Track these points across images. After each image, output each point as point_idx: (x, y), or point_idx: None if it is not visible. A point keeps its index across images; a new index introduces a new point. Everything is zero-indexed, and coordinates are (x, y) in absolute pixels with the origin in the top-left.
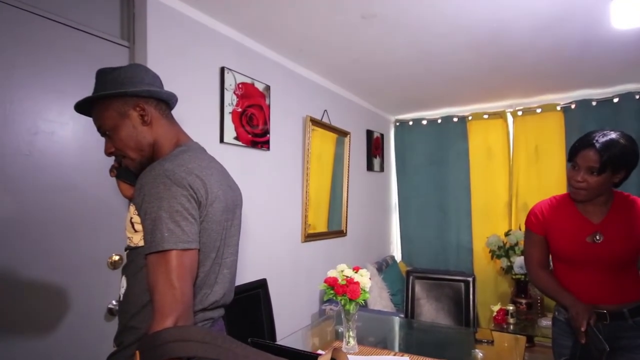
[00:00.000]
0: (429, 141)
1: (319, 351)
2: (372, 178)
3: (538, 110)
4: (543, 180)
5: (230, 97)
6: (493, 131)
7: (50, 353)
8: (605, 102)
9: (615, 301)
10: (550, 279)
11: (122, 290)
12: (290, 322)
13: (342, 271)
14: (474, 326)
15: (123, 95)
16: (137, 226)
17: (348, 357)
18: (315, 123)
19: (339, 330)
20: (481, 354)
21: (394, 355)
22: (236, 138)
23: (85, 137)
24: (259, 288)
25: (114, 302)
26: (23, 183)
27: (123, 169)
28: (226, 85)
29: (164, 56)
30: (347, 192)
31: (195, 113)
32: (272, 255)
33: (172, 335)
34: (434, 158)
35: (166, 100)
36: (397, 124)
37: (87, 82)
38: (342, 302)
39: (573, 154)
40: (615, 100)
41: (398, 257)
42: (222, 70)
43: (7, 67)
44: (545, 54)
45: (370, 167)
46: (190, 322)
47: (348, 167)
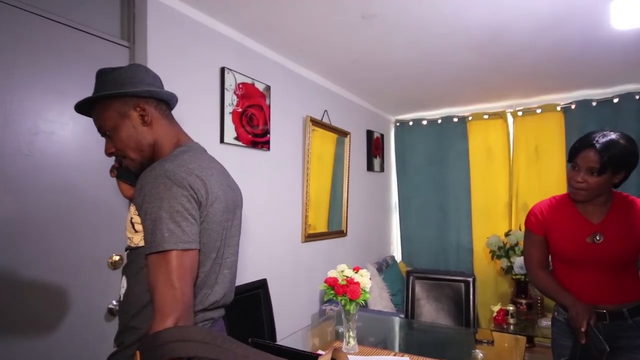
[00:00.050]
0: (429, 141)
1: (319, 351)
2: (372, 178)
3: (538, 110)
4: (543, 180)
5: (230, 97)
6: (493, 131)
7: (50, 353)
8: (605, 103)
9: (614, 301)
10: (550, 279)
11: (123, 290)
12: (290, 322)
13: (343, 271)
14: (474, 326)
15: (123, 95)
16: (138, 226)
17: (348, 358)
18: (315, 123)
19: (339, 330)
20: (481, 355)
21: (394, 355)
22: (236, 138)
23: (85, 138)
24: (259, 288)
25: (114, 302)
26: (23, 183)
27: (123, 169)
28: (226, 85)
29: (164, 56)
30: (347, 192)
31: (195, 113)
32: (273, 255)
33: (173, 335)
34: (434, 158)
35: (166, 100)
36: (397, 124)
37: (88, 82)
38: (343, 303)
39: (573, 155)
40: (615, 100)
41: (398, 258)
42: (223, 70)
43: (8, 67)
44: (545, 54)
45: (370, 167)
46: (190, 323)
47: (348, 167)
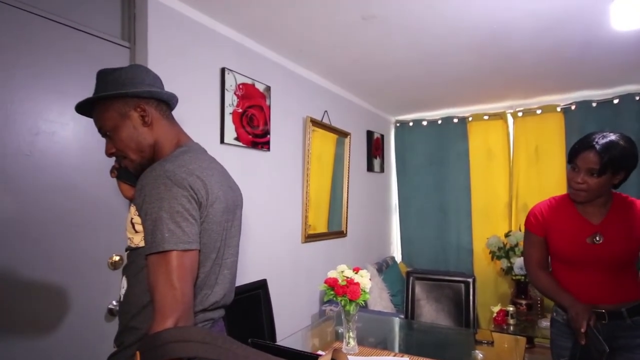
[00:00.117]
0: (429, 142)
1: (319, 352)
2: (373, 179)
3: (538, 111)
4: (543, 181)
5: (230, 98)
6: (493, 132)
7: (50, 353)
8: (605, 104)
9: (613, 301)
10: (549, 280)
11: (123, 290)
12: (290, 323)
13: (342, 272)
14: (474, 327)
15: (124, 96)
16: (138, 227)
17: (348, 358)
18: (315, 124)
19: (339, 330)
20: (481, 355)
21: (394, 356)
22: (236, 139)
23: (86, 138)
24: (259, 289)
25: (115, 303)
26: (24, 183)
27: (124, 170)
28: (227, 85)
29: (165, 57)
30: (348, 193)
31: (195, 114)
32: (273, 255)
33: (173, 335)
34: (434, 159)
35: (167, 101)
36: (398, 125)
37: (88, 83)
38: (342, 303)
39: (573, 156)
40: (615, 101)
41: (398, 258)
42: (223, 70)
43: (9, 68)
44: (545, 55)
45: (370, 168)
46: (190, 323)
47: (348, 168)
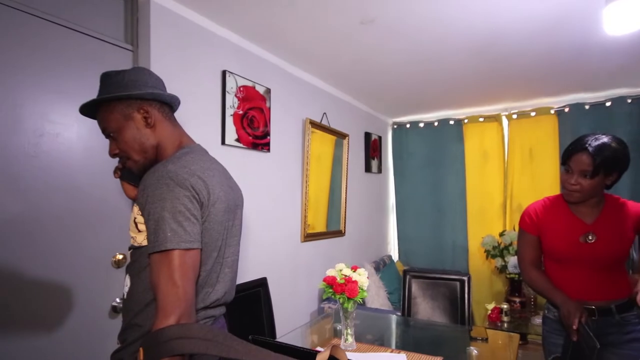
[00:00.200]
0: (426, 143)
1: (318, 348)
2: (370, 179)
3: (532, 113)
4: (537, 182)
5: (231, 100)
6: (488, 134)
7: (55, 349)
8: (598, 106)
9: (604, 298)
10: (542, 278)
11: (126, 288)
12: (289, 320)
13: (341, 270)
14: (469, 324)
15: (127, 98)
16: (141, 226)
17: (346, 354)
18: (314, 125)
19: (338, 327)
20: (476, 351)
21: (391, 352)
22: (237, 140)
23: (90, 139)
24: (260, 287)
25: (118, 300)
26: (29, 183)
27: (127, 170)
28: (227, 88)
29: (167, 59)
30: (346, 193)
31: (197, 115)
32: (272, 254)
33: (175, 332)
34: (431, 160)
35: (169, 102)
36: (395, 127)
37: (92, 85)
38: (341, 301)
39: (566, 158)
40: (607, 104)
41: (395, 257)
42: (224, 73)
43: (15, 70)
44: (540, 59)
45: (368, 169)
46: (192, 320)
47: (347, 169)
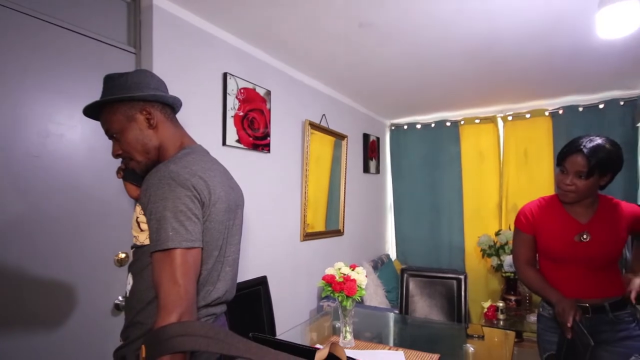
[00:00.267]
0: (423, 144)
1: (317, 345)
2: (369, 180)
3: (527, 115)
4: (532, 182)
5: (232, 102)
6: (484, 135)
7: (58, 347)
8: (591, 108)
9: (597, 296)
10: (537, 276)
11: (129, 287)
12: (289, 318)
13: (340, 269)
14: (466, 322)
15: (130, 99)
16: (143, 225)
17: (345, 351)
18: (314, 127)
19: (336, 325)
20: (472, 349)
21: (389, 349)
22: (238, 141)
23: (93, 140)
24: (260, 285)
25: (121, 298)
26: (33, 184)
27: (129, 171)
28: (228, 90)
29: (169, 62)
30: (345, 193)
31: (198, 117)
32: (272, 253)
33: (177, 330)
34: (428, 161)
35: (171, 104)
36: (393, 128)
37: (96, 87)
38: (340, 299)
39: (562, 159)
40: (600, 106)
41: (393, 256)
42: (225, 75)
43: (20, 73)
44: (535, 62)
45: (366, 169)
46: (193, 318)
47: (345, 169)
